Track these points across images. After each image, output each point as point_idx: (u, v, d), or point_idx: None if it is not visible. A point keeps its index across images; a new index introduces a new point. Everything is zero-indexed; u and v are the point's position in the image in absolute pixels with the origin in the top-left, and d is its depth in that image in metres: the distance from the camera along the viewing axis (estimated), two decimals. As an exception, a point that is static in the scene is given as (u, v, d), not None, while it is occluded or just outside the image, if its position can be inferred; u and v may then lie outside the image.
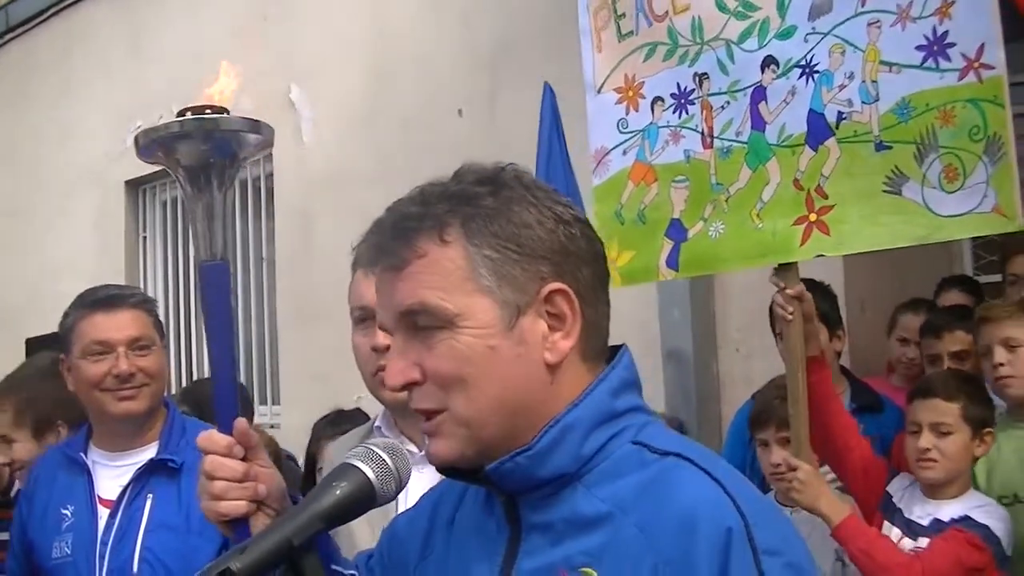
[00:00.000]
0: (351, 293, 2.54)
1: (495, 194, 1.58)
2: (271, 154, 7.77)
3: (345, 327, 2.58)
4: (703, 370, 5.52)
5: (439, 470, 1.66)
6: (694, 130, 3.70)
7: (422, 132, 6.76)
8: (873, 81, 3.27)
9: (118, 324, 3.21)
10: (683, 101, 3.73)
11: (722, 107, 3.62)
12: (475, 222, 1.56)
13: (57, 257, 9.24)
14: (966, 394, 3.50)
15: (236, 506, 1.72)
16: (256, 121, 1.81)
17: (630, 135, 3.88)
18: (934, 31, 3.15)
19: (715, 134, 3.63)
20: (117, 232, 9.06)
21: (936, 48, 3.15)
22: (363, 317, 2.49)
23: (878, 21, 3.26)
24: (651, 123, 3.82)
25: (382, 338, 2.39)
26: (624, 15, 3.88)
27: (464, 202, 1.57)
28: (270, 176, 7.93)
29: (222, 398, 1.81)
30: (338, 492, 1.56)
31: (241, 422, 1.76)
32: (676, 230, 3.72)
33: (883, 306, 5.09)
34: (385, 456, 1.60)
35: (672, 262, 3.75)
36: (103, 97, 9.03)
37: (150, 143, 1.78)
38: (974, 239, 5.99)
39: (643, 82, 3.84)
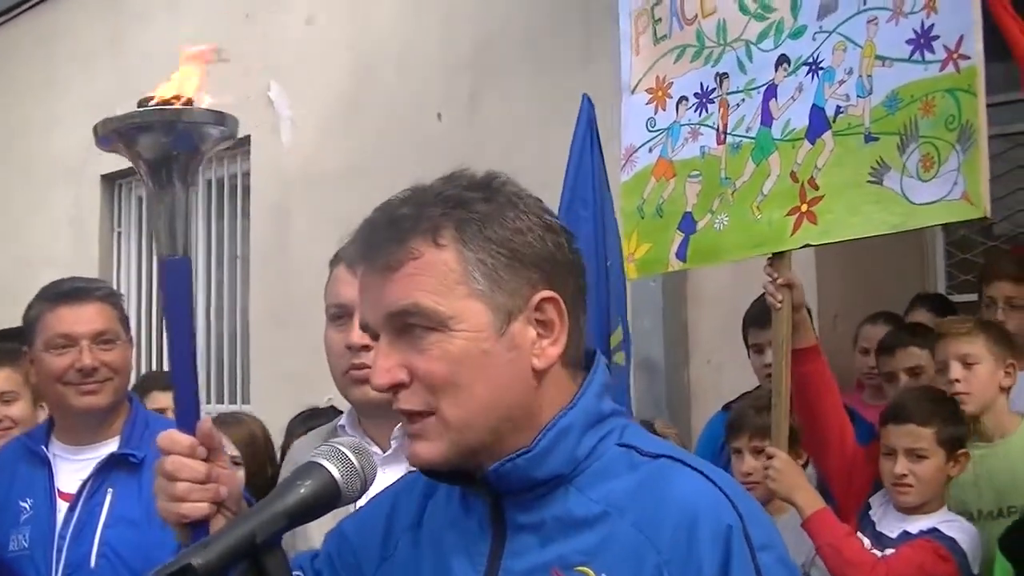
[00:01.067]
0: (328, 290, 2.53)
1: (488, 200, 1.59)
2: (248, 152, 7.76)
3: (319, 327, 2.57)
4: (674, 380, 5.52)
5: (422, 472, 1.65)
6: (711, 127, 3.82)
7: (401, 133, 6.75)
8: (868, 75, 3.35)
9: (83, 317, 3.18)
10: (704, 100, 3.86)
11: (737, 104, 3.74)
12: (470, 226, 1.56)
13: (32, 249, 9.20)
14: (940, 417, 3.51)
15: (198, 508, 1.70)
16: (220, 113, 1.77)
17: (656, 133, 4.01)
18: (922, 25, 3.23)
19: (728, 130, 3.75)
20: (92, 226, 9.02)
21: (923, 41, 3.22)
22: (339, 315, 2.48)
23: (876, 18, 3.35)
24: (675, 121, 3.95)
25: (357, 336, 2.39)
26: (660, 20, 4.03)
27: (458, 206, 1.58)
28: (247, 174, 7.90)
29: (182, 397, 1.78)
30: (303, 490, 1.54)
31: (205, 422, 1.74)
32: (687, 223, 3.83)
33: (856, 320, 5.11)
34: (351, 455, 1.59)
35: (681, 253, 3.86)
36: (83, 91, 8.98)
37: (109, 133, 1.74)
38: (949, 257, 6.03)
39: (672, 82, 3.98)
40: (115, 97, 8.31)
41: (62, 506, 3.18)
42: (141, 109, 1.73)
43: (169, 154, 1.74)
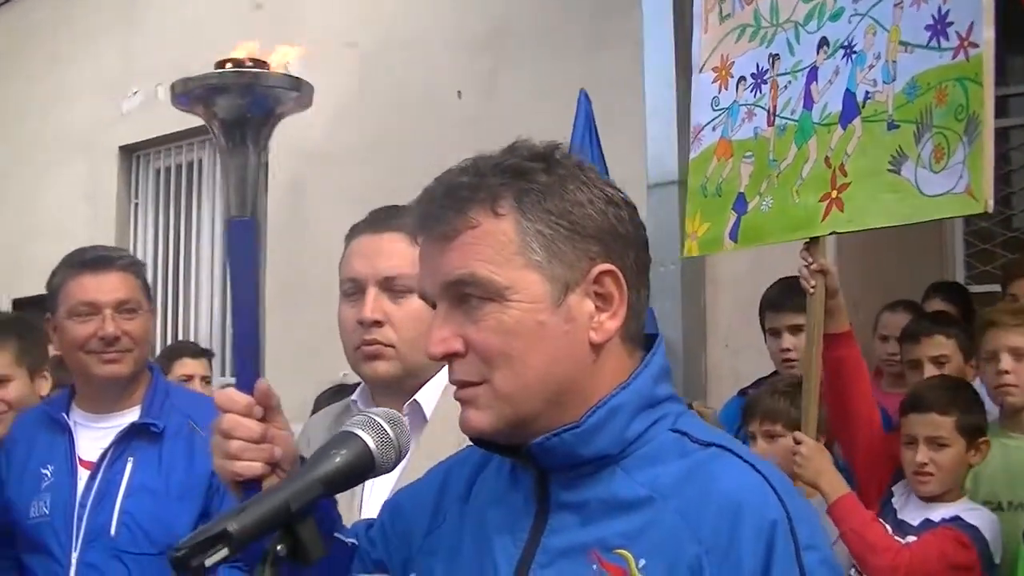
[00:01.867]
0: (341, 265, 2.50)
1: (548, 171, 1.58)
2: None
3: (333, 303, 2.56)
4: (692, 363, 5.52)
5: (472, 440, 1.65)
6: (763, 108, 3.81)
7: (417, 111, 6.76)
8: (893, 61, 3.33)
9: (106, 286, 3.17)
10: (759, 80, 3.86)
11: (785, 86, 3.73)
12: (529, 197, 1.56)
13: (47, 221, 9.19)
14: (960, 406, 3.51)
15: (251, 467, 1.70)
16: (297, 78, 1.78)
17: (719, 112, 4.01)
18: (939, 10, 3.20)
19: (777, 112, 3.74)
20: (109, 198, 9.03)
21: (939, 27, 3.20)
22: (352, 290, 2.45)
23: (901, 2, 3.32)
24: (734, 101, 3.95)
25: (369, 311, 2.37)
26: None
27: (519, 176, 1.57)
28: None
29: (243, 358, 1.80)
30: (337, 460, 1.54)
31: (263, 383, 1.74)
32: (740, 203, 3.83)
33: (875, 309, 5.10)
34: (386, 425, 1.59)
35: (733, 234, 3.86)
36: (99, 62, 8.97)
37: (187, 93, 1.75)
38: (968, 247, 6.02)
39: (733, 62, 3.98)
40: (136, 70, 8.39)
41: (83, 474, 3.18)
42: (219, 71, 1.73)
43: (244, 116, 1.75)
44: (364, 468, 1.56)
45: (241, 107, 1.75)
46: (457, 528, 1.71)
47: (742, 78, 3.91)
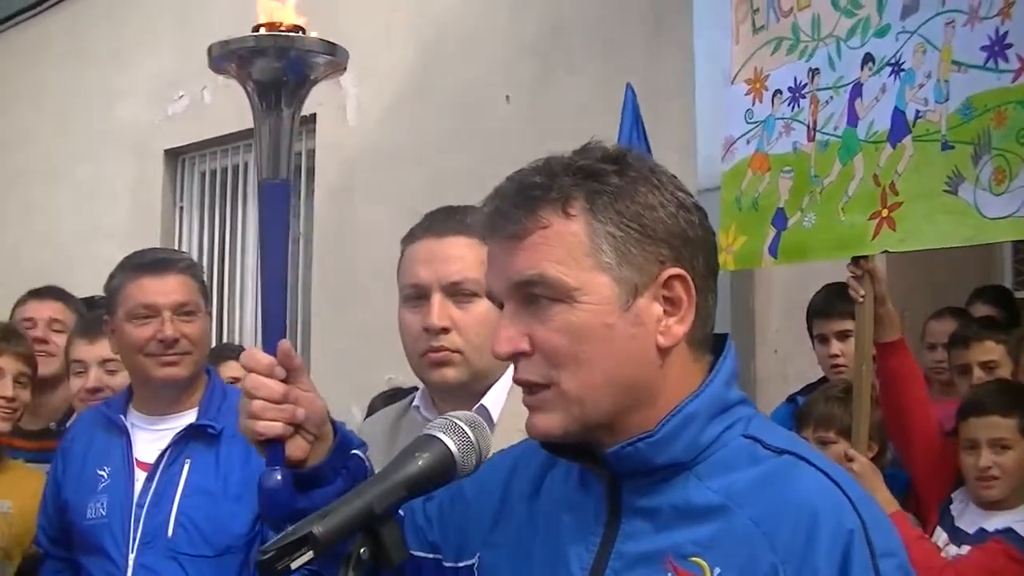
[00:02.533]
0: (402, 270, 2.48)
1: (621, 173, 1.58)
2: (314, 130, 7.77)
3: (378, 307, 2.54)
4: (741, 368, 5.46)
5: (541, 444, 1.65)
6: (802, 123, 3.78)
7: (467, 115, 6.75)
8: (945, 80, 3.30)
9: (165, 288, 3.19)
10: (797, 95, 3.83)
11: (826, 102, 3.70)
12: (601, 198, 1.55)
13: (93, 222, 9.25)
14: (1022, 407, 3.49)
15: (271, 426, 1.72)
16: (331, 43, 1.81)
17: (754, 125, 3.99)
18: (996, 31, 3.17)
19: (818, 127, 3.71)
20: (154, 201, 9.06)
21: (997, 48, 3.17)
22: (414, 295, 2.43)
23: (953, 21, 3.29)
24: (770, 115, 3.93)
25: (436, 318, 2.36)
26: (758, 9, 4.01)
27: (590, 177, 1.56)
28: (312, 153, 7.92)
29: (271, 319, 1.82)
30: (420, 462, 1.54)
31: (285, 343, 1.76)
32: (779, 219, 3.81)
33: (924, 315, 5.06)
34: (467, 429, 1.59)
35: (773, 249, 3.84)
36: (149, 65, 9.02)
37: (224, 54, 1.78)
38: (1016, 254, 5.96)
39: (768, 75, 3.96)
40: (181, 73, 8.44)
41: (140, 475, 3.19)
42: (256, 34, 1.76)
43: (279, 79, 1.78)
44: (446, 471, 1.56)
45: (276, 70, 1.78)
46: (525, 527, 1.71)
47: (778, 91, 3.89)
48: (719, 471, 1.57)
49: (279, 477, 1.73)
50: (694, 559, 1.51)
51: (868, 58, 3.55)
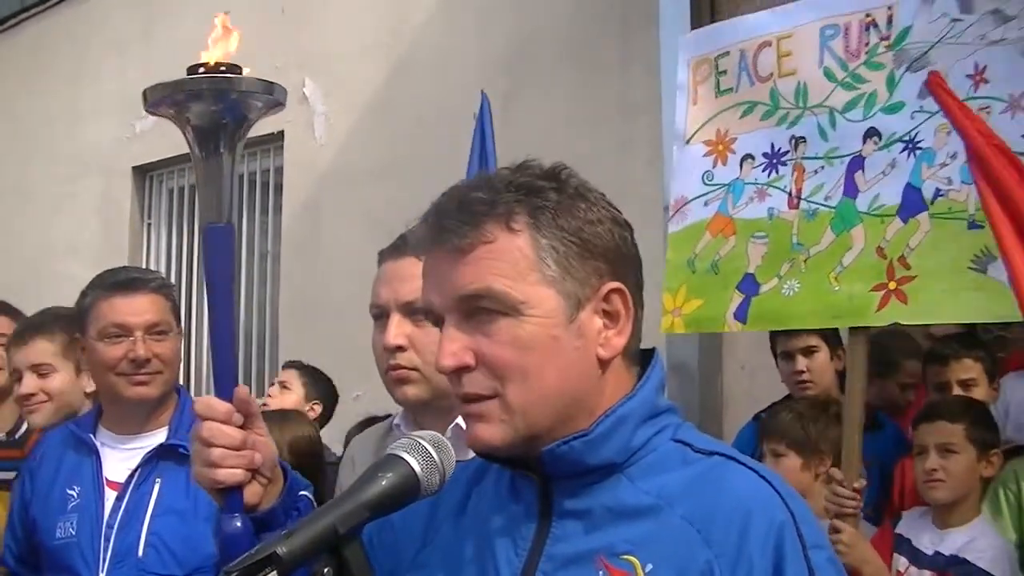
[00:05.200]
0: (372, 291, 2.53)
1: (559, 190, 1.62)
2: (281, 147, 7.77)
3: (347, 324, 2.57)
4: (708, 386, 5.52)
5: (479, 455, 1.67)
6: (782, 190, 3.74)
7: (434, 132, 6.76)
8: None
9: (137, 308, 3.18)
10: (775, 161, 3.78)
11: (815, 171, 3.66)
12: (543, 214, 1.59)
13: (60, 239, 9.23)
14: (970, 416, 3.62)
15: (232, 474, 1.73)
16: (268, 82, 1.79)
17: (714, 188, 3.93)
18: None
19: (803, 196, 3.68)
20: (122, 218, 9.05)
21: None
22: (377, 315, 2.49)
23: (989, 107, 3.30)
24: (737, 178, 3.87)
25: (391, 337, 2.41)
26: (725, 72, 3.95)
27: (532, 193, 1.60)
28: (280, 170, 7.91)
29: (221, 364, 1.81)
30: (384, 483, 1.54)
31: (242, 389, 1.77)
32: (748, 284, 3.75)
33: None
34: (431, 449, 1.59)
35: (741, 315, 3.78)
36: (115, 82, 9.00)
37: (160, 99, 1.77)
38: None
39: (736, 138, 3.90)
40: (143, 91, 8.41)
41: (110, 495, 3.19)
42: (191, 76, 1.74)
43: (218, 122, 1.77)
44: (410, 491, 1.57)
45: (214, 113, 1.76)
46: (455, 539, 1.73)
47: (748, 156, 3.84)
48: (650, 473, 1.61)
49: (239, 524, 1.74)
50: (626, 556, 1.55)
51: (872, 132, 3.54)
